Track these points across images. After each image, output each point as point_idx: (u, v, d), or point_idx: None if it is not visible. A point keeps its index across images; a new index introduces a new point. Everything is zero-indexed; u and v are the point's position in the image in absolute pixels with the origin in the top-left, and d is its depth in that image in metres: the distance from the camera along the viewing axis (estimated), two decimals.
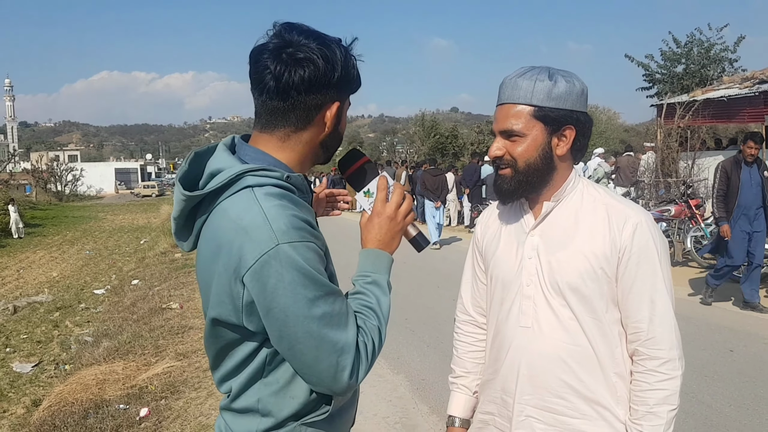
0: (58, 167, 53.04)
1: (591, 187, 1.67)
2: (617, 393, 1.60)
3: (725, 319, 7.08)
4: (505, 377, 1.68)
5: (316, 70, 1.33)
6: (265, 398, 1.38)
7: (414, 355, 6.06)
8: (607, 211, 1.60)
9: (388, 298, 1.44)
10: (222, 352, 1.42)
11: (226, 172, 1.34)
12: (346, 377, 1.29)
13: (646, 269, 1.56)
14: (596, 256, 1.57)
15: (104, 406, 5.26)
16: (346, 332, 1.30)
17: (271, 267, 1.23)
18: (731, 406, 4.60)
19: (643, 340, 1.57)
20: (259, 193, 1.30)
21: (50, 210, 36.36)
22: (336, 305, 1.29)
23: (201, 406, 5.14)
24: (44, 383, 7.11)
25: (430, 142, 36.00)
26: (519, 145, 1.58)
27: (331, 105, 1.39)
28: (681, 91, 19.29)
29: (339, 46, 1.38)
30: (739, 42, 21.27)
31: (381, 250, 1.48)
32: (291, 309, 1.25)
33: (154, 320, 8.43)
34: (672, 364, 1.56)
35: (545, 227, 1.64)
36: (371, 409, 4.85)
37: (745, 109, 13.83)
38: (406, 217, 1.49)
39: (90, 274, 14.62)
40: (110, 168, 78.06)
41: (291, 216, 1.27)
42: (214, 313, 1.35)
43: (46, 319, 10.33)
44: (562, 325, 1.59)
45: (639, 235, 1.56)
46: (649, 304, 1.56)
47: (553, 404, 1.60)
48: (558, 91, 1.56)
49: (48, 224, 28.48)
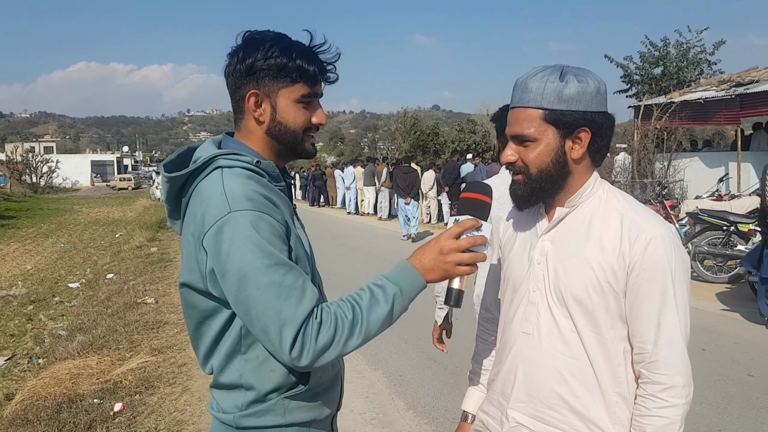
0: (34, 159, 52.20)
1: (611, 194, 1.58)
2: (615, 413, 1.52)
3: (698, 318, 7.18)
4: (503, 380, 1.66)
5: (233, 59, 1.50)
6: (247, 373, 1.46)
7: (392, 352, 6.07)
8: (622, 222, 1.51)
9: (387, 307, 1.41)
10: (199, 329, 1.50)
11: (203, 157, 1.48)
12: (287, 350, 1.32)
13: (655, 288, 1.46)
14: (603, 269, 1.49)
15: (78, 401, 5.20)
16: (294, 307, 1.33)
17: (224, 232, 1.35)
18: (702, 404, 4.67)
19: (646, 362, 1.49)
20: (226, 173, 1.43)
21: (25, 202, 35.82)
22: (287, 278, 1.35)
23: (176, 401, 5.10)
24: (17, 377, 7.00)
25: (411, 139, 36.02)
26: (531, 150, 1.51)
27: (249, 93, 1.50)
28: (659, 93, 19.51)
29: (267, 39, 1.49)
30: (719, 46, 21.55)
31: (416, 269, 1.46)
32: (240, 273, 1.33)
33: (129, 315, 8.35)
34: (674, 391, 1.46)
35: (557, 233, 1.58)
36: (348, 405, 4.85)
37: (721, 112, 14.05)
38: (458, 265, 1.45)
39: (65, 268, 14.43)
40: (86, 160, 77.04)
41: (248, 189, 1.39)
42: (185, 279, 1.46)
43: (20, 312, 10.18)
44: (562, 336, 1.54)
45: (651, 250, 1.46)
46: (656, 325, 1.47)
47: (546, 415, 1.56)
48: (569, 92, 1.47)
49: (22, 216, 28.06)
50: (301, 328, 1.32)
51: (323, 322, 1.35)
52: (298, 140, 1.55)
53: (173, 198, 1.54)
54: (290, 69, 1.47)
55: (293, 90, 1.50)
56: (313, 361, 1.34)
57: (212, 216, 1.37)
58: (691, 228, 9.51)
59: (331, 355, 1.36)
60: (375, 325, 1.40)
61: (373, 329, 1.40)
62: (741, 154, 13.37)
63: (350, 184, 23.19)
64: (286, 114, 1.51)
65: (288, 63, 1.47)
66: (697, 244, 9.04)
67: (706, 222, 9.03)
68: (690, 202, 10.55)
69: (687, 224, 9.80)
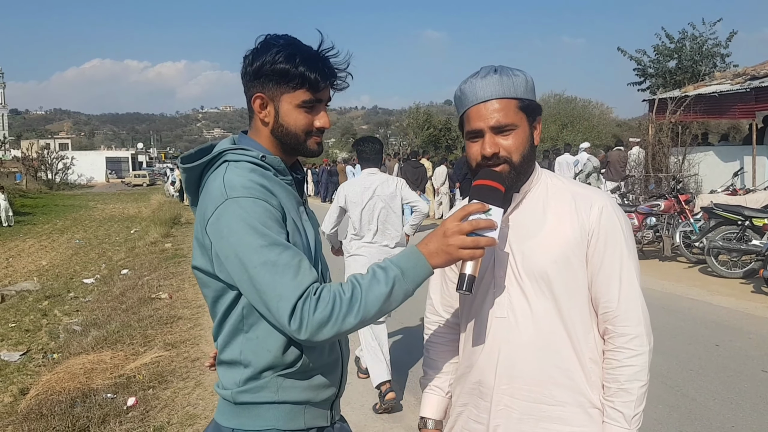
0: (49, 155, 52.66)
1: (555, 178, 1.71)
2: (591, 378, 1.62)
3: (712, 314, 7.13)
4: (482, 369, 1.67)
5: (245, 61, 1.59)
6: (246, 351, 1.55)
7: (402, 349, 6.08)
8: (573, 198, 1.63)
9: (386, 288, 1.44)
10: (214, 308, 1.59)
11: (215, 151, 1.60)
12: (285, 323, 1.40)
13: (614, 250, 1.61)
14: (567, 241, 1.60)
15: (92, 395, 5.25)
16: (289, 282, 1.41)
17: (222, 218, 1.46)
18: (715, 400, 4.65)
19: (611, 318, 1.61)
20: (231, 166, 1.54)
21: (40, 198, 36.17)
22: (282, 256, 1.42)
23: (189, 396, 5.14)
24: (32, 372, 7.08)
25: (423, 134, 35.99)
26: (513, 138, 1.58)
27: (255, 95, 1.59)
28: (673, 87, 19.35)
29: (275, 46, 1.55)
30: (731, 37, 21.33)
31: (420, 253, 1.49)
32: (240, 255, 1.43)
33: (143, 310, 8.42)
34: (639, 340, 1.60)
35: (515, 217, 1.65)
36: (358, 400, 4.87)
37: (736, 105, 13.89)
38: (461, 248, 1.45)
39: (79, 263, 14.56)
40: (101, 157, 77.62)
41: (244, 179, 1.49)
42: (196, 262, 1.57)
43: (35, 307, 10.29)
44: (538, 313, 1.60)
45: (605, 217, 1.61)
46: (618, 283, 1.60)
47: (530, 392, 1.61)
48: (529, 84, 1.62)
49: (38, 213, 28.34)
50: (298, 301, 1.39)
51: (321, 297, 1.40)
52: (300, 141, 1.62)
53: (193, 188, 1.64)
54: (292, 76, 1.54)
55: (295, 96, 1.57)
56: (312, 334, 1.39)
57: (213, 205, 1.48)
58: (706, 223, 9.42)
59: (330, 330, 1.40)
60: (374, 304, 1.43)
61: (372, 309, 1.43)
62: (756, 149, 13.24)
63: None
64: (288, 118, 1.59)
65: (290, 70, 1.53)
66: (711, 239, 8.96)
67: (721, 217, 8.95)
68: (705, 197, 10.46)
69: (702, 219, 9.72)
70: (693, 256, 10.02)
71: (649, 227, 10.54)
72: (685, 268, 9.84)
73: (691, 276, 9.32)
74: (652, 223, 10.55)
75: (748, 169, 13.12)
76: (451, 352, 1.85)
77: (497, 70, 1.61)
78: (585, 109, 35.01)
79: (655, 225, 10.55)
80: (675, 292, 8.27)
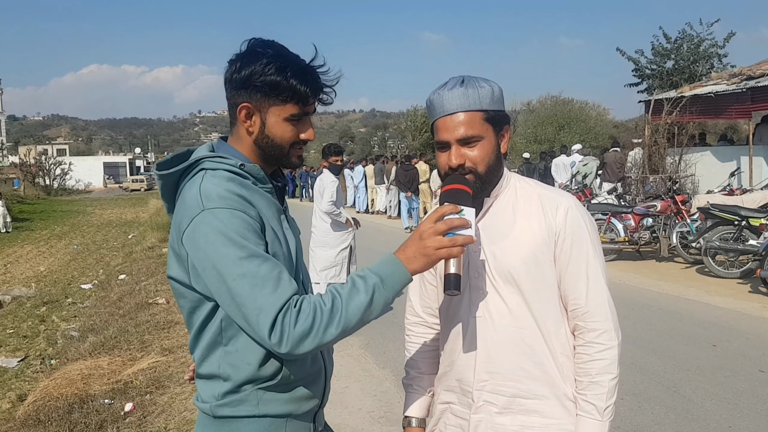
0: (47, 161, 52.65)
1: (523, 181, 1.77)
2: (564, 371, 1.68)
3: (710, 314, 7.14)
4: (461, 367, 1.73)
5: (232, 67, 1.54)
6: (224, 364, 1.52)
7: (400, 350, 6.03)
8: (540, 200, 1.70)
9: (366, 297, 1.43)
10: (190, 319, 1.56)
11: (192, 158, 1.55)
12: (266, 336, 1.37)
13: (580, 248, 1.67)
14: (536, 241, 1.66)
15: (89, 401, 5.25)
16: (269, 294, 1.38)
17: (199, 229, 1.42)
18: (712, 400, 4.65)
19: (581, 314, 1.67)
20: (208, 174, 1.50)
21: (38, 204, 36.14)
22: (261, 268, 1.40)
23: (186, 401, 5.14)
24: (30, 378, 7.08)
25: (421, 137, 35.96)
26: (478, 149, 1.64)
27: (241, 105, 1.54)
28: (670, 87, 19.37)
29: (265, 55, 1.51)
30: (729, 38, 21.35)
31: (398, 260, 1.48)
32: (218, 267, 1.40)
33: (141, 315, 8.42)
34: (608, 334, 1.66)
35: (486, 221, 1.71)
36: (356, 404, 4.87)
37: (732, 106, 13.92)
38: (439, 249, 1.45)
39: (77, 269, 14.56)
40: (99, 162, 77.65)
41: (221, 189, 1.45)
42: (172, 273, 1.54)
43: (33, 313, 10.29)
44: (511, 312, 1.67)
45: (570, 218, 1.67)
46: (585, 280, 1.67)
47: (508, 387, 1.67)
48: (496, 95, 1.67)
49: (36, 218, 28.32)
50: (278, 314, 1.36)
51: (302, 310, 1.38)
52: (284, 153, 1.59)
53: (169, 195, 1.61)
54: (283, 89, 1.50)
55: (284, 109, 1.53)
56: (293, 347, 1.37)
57: (188, 215, 1.44)
58: (703, 223, 9.44)
59: (311, 342, 1.38)
60: (354, 314, 1.42)
61: (353, 318, 1.42)
62: (753, 149, 13.26)
63: (358, 183, 23.14)
64: (275, 130, 1.55)
65: (281, 82, 1.50)
66: (708, 240, 8.98)
67: (718, 217, 8.96)
68: (701, 197, 10.47)
69: (698, 219, 9.74)
70: (690, 257, 10.03)
71: (646, 228, 10.56)
72: (682, 269, 9.85)
73: (688, 276, 9.33)
74: (648, 223, 10.56)
75: (745, 169, 13.15)
76: (432, 351, 1.90)
77: (464, 81, 1.65)
78: (582, 111, 34.96)
79: (651, 226, 10.56)
80: (672, 292, 8.28)
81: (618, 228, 10.39)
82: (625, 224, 10.45)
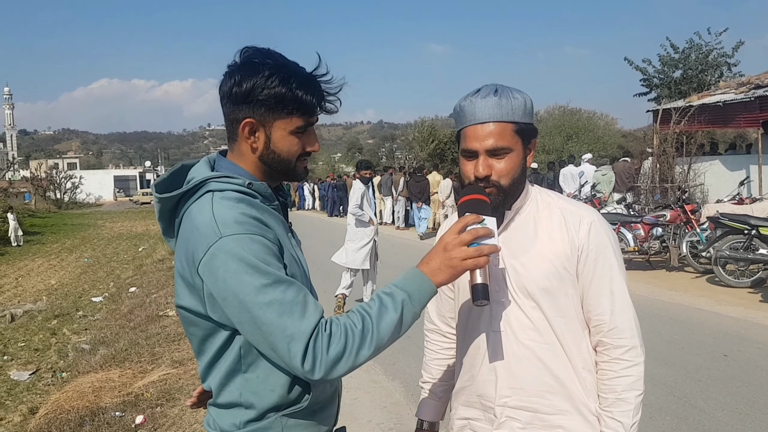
0: (57, 175, 53.11)
1: (544, 194, 1.75)
2: (586, 386, 1.66)
3: (721, 324, 7.10)
4: (482, 382, 1.71)
5: (230, 80, 1.46)
6: (246, 392, 1.45)
7: (409, 362, 6.07)
8: (563, 214, 1.68)
9: (396, 315, 1.39)
10: (202, 346, 1.50)
11: (195, 179, 1.47)
12: (298, 365, 1.32)
13: (604, 264, 1.65)
14: (558, 256, 1.64)
15: (100, 414, 5.27)
16: (298, 321, 1.32)
17: (217, 258, 1.34)
18: (724, 411, 4.62)
19: (606, 330, 1.65)
20: (216, 197, 1.42)
21: (49, 218, 36.39)
22: (288, 294, 1.34)
23: (196, 413, 5.14)
24: (41, 391, 7.12)
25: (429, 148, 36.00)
26: (506, 162, 1.61)
27: (244, 121, 1.46)
28: (679, 96, 19.34)
29: (266, 66, 1.43)
30: (738, 47, 21.33)
31: (423, 274, 1.44)
32: (240, 296, 1.33)
33: (151, 328, 8.45)
34: (635, 351, 1.64)
35: (507, 234, 1.69)
36: (366, 416, 4.87)
37: (741, 114, 13.89)
38: (464, 260, 1.43)
39: (88, 282, 14.63)
40: (109, 175, 78.29)
41: (236, 213, 1.38)
42: (182, 302, 1.47)
43: (44, 326, 10.34)
44: (533, 326, 1.65)
45: (594, 233, 1.65)
46: (609, 296, 1.65)
47: (531, 403, 1.65)
48: (528, 107, 1.63)
49: (47, 232, 28.50)
50: (310, 341, 1.32)
51: (333, 333, 1.34)
52: (291, 167, 1.53)
53: (167, 216, 1.54)
54: (288, 101, 1.44)
55: (289, 122, 1.47)
56: (327, 373, 1.33)
57: (204, 244, 1.36)
58: (713, 232, 9.40)
59: (345, 366, 1.34)
60: (386, 332, 1.38)
61: (385, 337, 1.38)
62: (762, 157, 13.22)
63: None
64: (281, 144, 1.49)
65: (286, 94, 1.43)
66: (718, 249, 8.94)
67: (727, 226, 8.92)
68: (711, 207, 10.44)
69: (708, 229, 9.70)
70: (700, 266, 9.99)
71: (656, 238, 10.52)
72: (693, 278, 9.80)
73: (698, 286, 9.29)
74: (658, 233, 10.53)
75: (755, 178, 13.10)
76: (447, 359, 1.95)
77: (497, 91, 1.61)
78: (590, 121, 34.98)
79: (661, 235, 10.53)
80: (682, 302, 8.24)
81: (627, 238, 10.35)
82: (634, 234, 10.42)
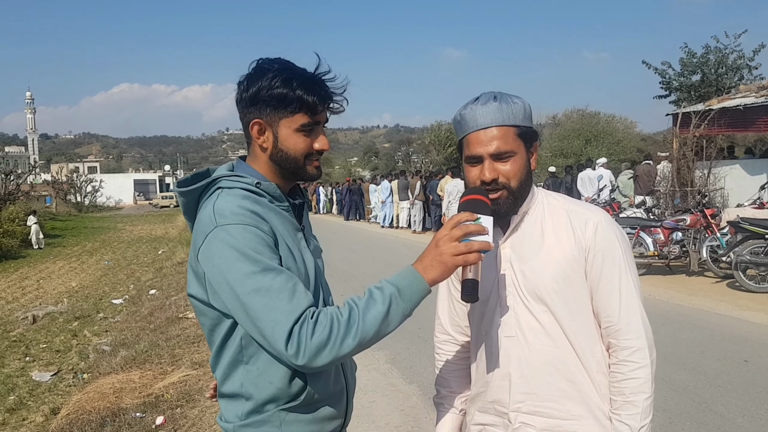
0: (78, 179, 53.84)
1: (550, 197, 1.75)
2: (601, 390, 1.65)
3: (741, 329, 7.03)
4: (496, 388, 1.70)
5: (240, 87, 1.58)
6: (247, 383, 1.52)
7: (426, 365, 6.07)
8: (568, 216, 1.68)
9: (383, 308, 1.41)
10: (211, 336, 1.57)
11: (211, 177, 1.59)
12: (282, 348, 1.36)
13: (612, 264, 1.64)
14: (566, 258, 1.64)
15: (121, 415, 5.33)
16: (284, 306, 1.38)
17: (213, 245, 1.44)
18: (744, 417, 4.58)
19: (614, 331, 1.64)
20: (224, 193, 1.53)
21: (70, 221, 36.80)
22: (276, 281, 1.40)
23: (216, 414, 5.18)
24: (63, 392, 7.22)
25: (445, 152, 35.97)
26: (511, 164, 1.62)
27: (252, 122, 1.57)
28: (698, 100, 19.17)
29: (270, 70, 1.54)
30: (759, 50, 21.08)
31: (415, 270, 1.46)
32: (231, 282, 1.41)
33: (171, 329, 8.53)
34: (642, 352, 1.62)
35: (515, 239, 1.70)
36: (383, 419, 4.88)
37: (761, 118, 13.76)
38: (455, 255, 1.43)
39: (108, 284, 14.79)
40: (129, 179, 79.04)
41: (234, 205, 1.47)
42: (191, 290, 1.55)
43: (65, 328, 10.48)
44: (545, 331, 1.64)
45: (600, 233, 1.65)
46: (618, 297, 1.64)
47: (545, 408, 1.64)
48: (527, 111, 1.66)
49: (68, 235, 28.84)
50: (294, 326, 1.35)
51: (319, 321, 1.37)
52: (300, 165, 1.59)
53: (191, 213, 1.62)
54: (290, 100, 1.52)
55: (293, 120, 1.55)
56: (310, 359, 1.36)
57: (202, 233, 1.47)
58: (733, 237, 9.31)
59: (328, 354, 1.36)
60: (372, 325, 1.40)
61: (370, 329, 1.40)
62: None
63: (386, 198, 23.19)
64: (287, 142, 1.56)
65: (288, 94, 1.51)
66: (738, 254, 8.85)
67: (748, 231, 8.84)
68: (731, 211, 10.33)
69: (728, 233, 9.60)
70: (720, 271, 9.89)
71: (675, 242, 10.43)
72: (713, 283, 9.71)
73: (718, 291, 9.20)
74: (678, 238, 10.44)
75: None
76: (462, 370, 1.89)
77: (497, 97, 1.64)
78: (609, 124, 34.71)
79: (681, 240, 10.44)
80: (702, 307, 8.16)
81: (647, 242, 10.28)
82: (654, 238, 10.34)
